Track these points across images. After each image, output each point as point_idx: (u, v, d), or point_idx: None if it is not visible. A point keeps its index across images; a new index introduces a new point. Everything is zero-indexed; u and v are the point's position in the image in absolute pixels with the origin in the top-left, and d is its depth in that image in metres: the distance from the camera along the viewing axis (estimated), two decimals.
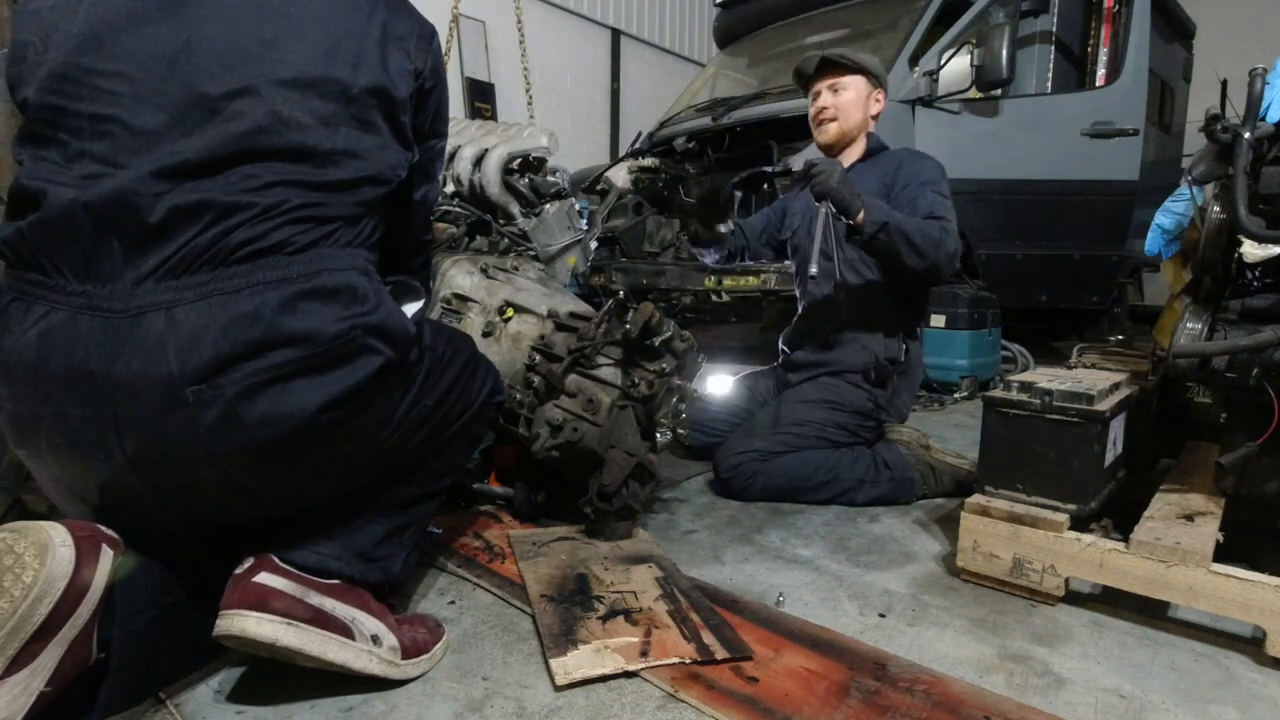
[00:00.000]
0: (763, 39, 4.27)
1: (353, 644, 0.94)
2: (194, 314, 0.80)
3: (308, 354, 0.83)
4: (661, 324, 1.49)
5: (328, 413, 0.85)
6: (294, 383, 0.83)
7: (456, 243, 1.99)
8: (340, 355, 0.86)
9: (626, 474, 1.43)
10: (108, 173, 0.81)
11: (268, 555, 0.93)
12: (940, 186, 1.84)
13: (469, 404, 1.13)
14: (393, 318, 0.93)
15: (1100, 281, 3.91)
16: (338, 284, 0.87)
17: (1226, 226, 1.26)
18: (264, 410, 0.82)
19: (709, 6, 7.40)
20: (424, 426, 1.04)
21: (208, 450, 0.82)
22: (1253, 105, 1.22)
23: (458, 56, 5.98)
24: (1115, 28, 3.81)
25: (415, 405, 1.01)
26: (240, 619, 0.87)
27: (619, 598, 1.21)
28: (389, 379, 0.93)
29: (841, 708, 0.95)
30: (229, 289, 0.81)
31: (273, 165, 0.85)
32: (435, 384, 1.05)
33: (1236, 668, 1.09)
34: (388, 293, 0.96)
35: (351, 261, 0.91)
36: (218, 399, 0.80)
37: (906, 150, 2.03)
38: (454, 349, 1.12)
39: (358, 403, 0.89)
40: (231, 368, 0.80)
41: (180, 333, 0.79)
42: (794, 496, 1.76)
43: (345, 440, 0.92)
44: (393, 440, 0.99)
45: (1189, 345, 1.27)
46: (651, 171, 3.38)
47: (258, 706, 0.94)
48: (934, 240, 1.69)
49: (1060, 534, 1.25)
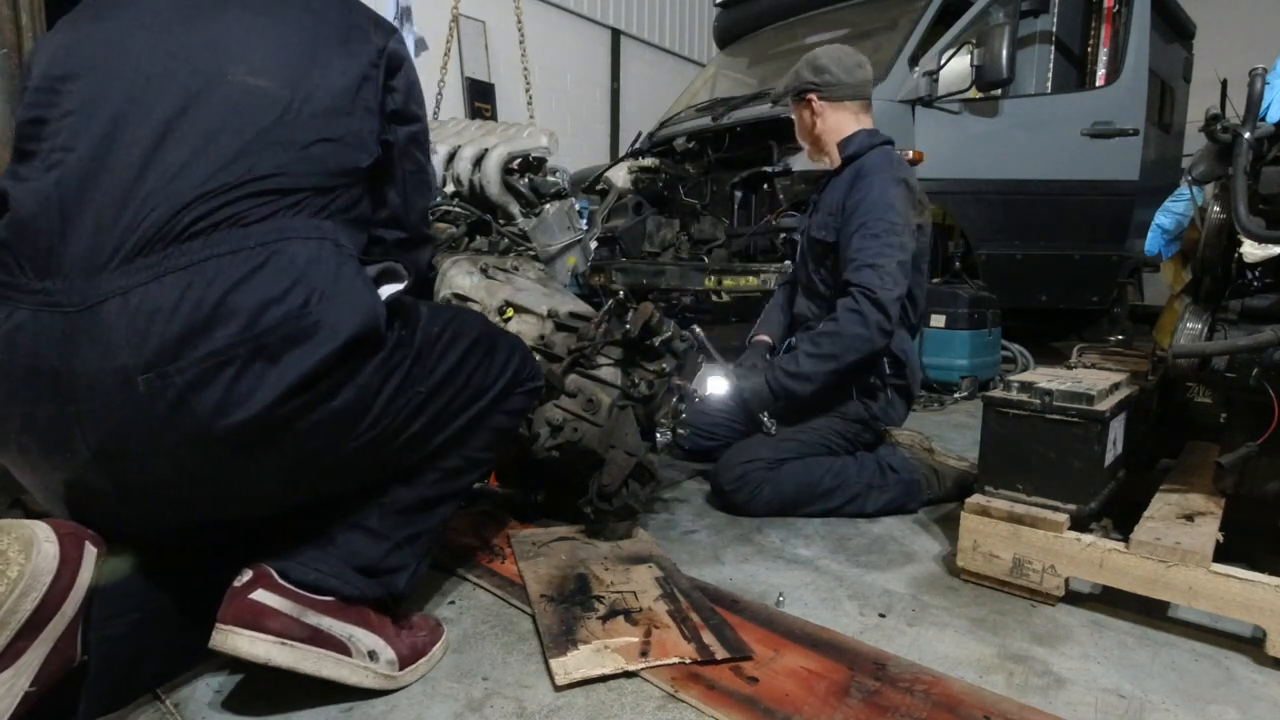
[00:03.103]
0: (763, 39, 4.27)
1: (349, 660, 0.93)
2: (147, 297, 0.77)
3: (258, 332, 0.78)
4: (661, 324, 1.49)
5: (287, 402, 0.80)
6: (248, 369, 0.78)
7: (456, 243, 1.99)
8: (294, 334, 0.80)
9: (626, 474, 1.43)
10: (66, 159, 0.82)
11: (265, 569, 0.91)
12: (875, 219, 1.73)
13: (480, 390, 1.05)
14: (357, 294, 0.87)
15: (1100, 281, 3.91)
16: (295, 254, 0.83)
17: (1226, 226, 1.26)
18: (216, 399, 0.77)
19: (709, 6, 7.39)
20: (419, 417, 0.96)
21: (163, 444, 0.79)
22: (1253, 105, 1.22)
23: (458, 56, 5.98)
24: (1115, 28, 3.81)
25: (402, 393, 0.93)
26: (234, 637, 0.86)
27: (619, 598, 1.21)
28: (358, 362, 0.86)
29: (841, 708, 0.95)
30: (181, 265, 0.79)
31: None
32: (429, 368, 0.97)
33: (1236, 668, 1.09)
34: (362, 269, 0.91)
35: (318, 231, 0.87)
36: (168, 388, 0.76)
37: (875, 157, 1.86)
38: (457, 329, 1.03)
39: (321, 389, 0.82)
40: (183, 352, 0.77)
41: (134, 319, 0.77)
42: (801, 506, 1.68)
43: (316, 433, 0.85)
44: (379, 433, 0.91)
45: (1189, 345, 1.27)
46: (651, 171, 3.38)
47: (257, 706, 0.94)
48: (842, 347, 1.69)
49: (1060, 534, 1.25)
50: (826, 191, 1.95)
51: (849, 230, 1.78)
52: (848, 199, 1.82)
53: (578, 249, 2.39)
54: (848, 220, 1.80)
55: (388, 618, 1.01)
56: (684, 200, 3.32)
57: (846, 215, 1.81)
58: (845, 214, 1.81)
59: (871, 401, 1.85)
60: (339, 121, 0.92)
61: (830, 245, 1.86)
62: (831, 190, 1.92)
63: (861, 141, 1.89)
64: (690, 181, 3.37)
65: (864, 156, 1.87)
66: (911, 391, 1.93)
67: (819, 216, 1.93)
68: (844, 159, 1.91)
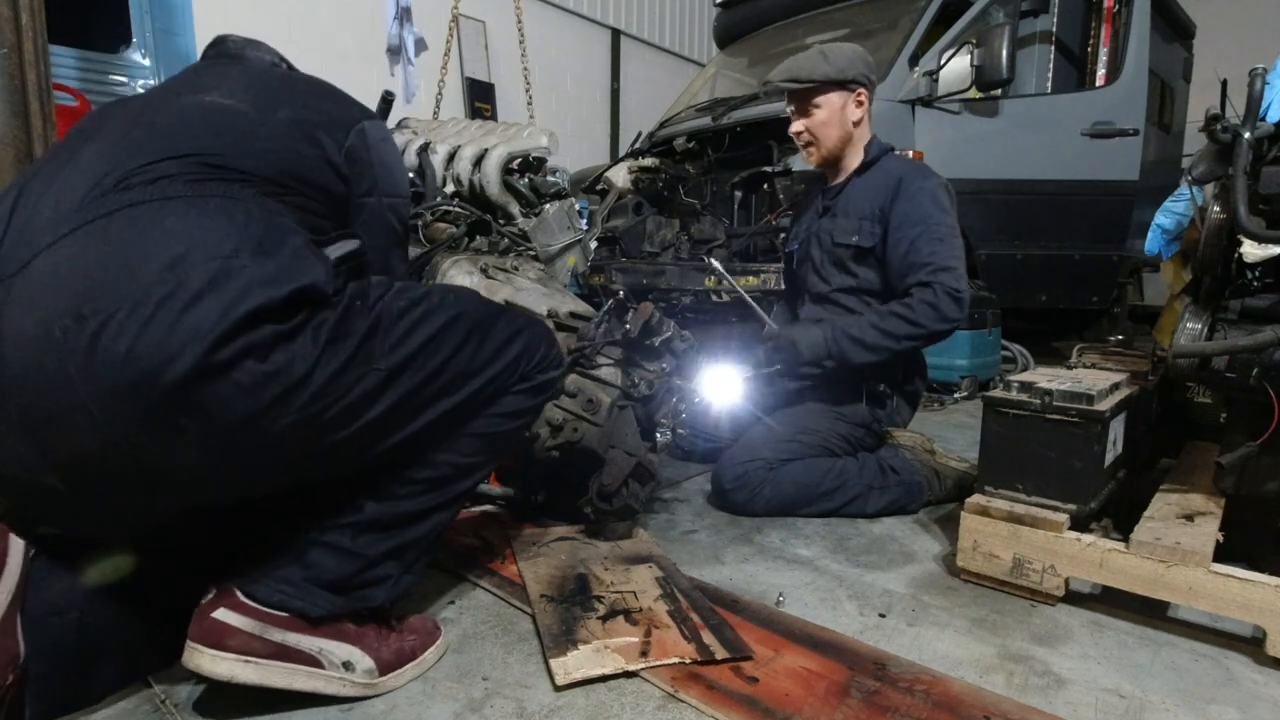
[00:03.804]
0: (763, 39, 4.27)
1: (322, 672, 0.91)
2: (74, 243, 0.75)
3: (179, 273, 0.73)
4: (661, 324, 1.49)
5: (208, 354, 0.71)
6: (162, 311, 0.71)
7: (456, 243, 1.99)
8: (217, 278, 0.73)
9: (626, 474, 1.43)
10: (28, 173, 0.85)
11: (230, 588, 0.89)
12: (935, 225, 1.74)
13: (465, 375, 0.93)
14: (298, 249, 0.82)
15: (1100, 281, 3.91)
16: (232, 208, 0.80)
17: (1226, 226, 1.26)
18: (128, 344, 0.70)
19: (709, 6, 7.40)
20: (376, 403, 0.84)
21: (79, 398, 0.72)
22: (1253, 105, 1.22)
23: (458, 56, 5.98)
24: (1115, 28, 3.81)
25: (351, 369, 0.81)
26: (197, 655, 0.85)
27: (619, 598, 1.21)
28: (294, 323, 0.78)
29: (841, 708, 0.95)
30: (108, 210, 0.77)
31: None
32: (389, 345, 0.85)
33: (1236, 668, 1.09)
34: (306, 234, 0.87)
35: (263, 202, 0.85)
36: (83, 330, 0.71)
37: (904, 164, 1.88)
38: (432, 305, 0.92)
39: (246, 343, 0.73)
40: (100, 292, 0.72)
41: (57, 266, 0.74)
42: (801, 507, 1.68)
43: (239, 399, 0.74)
44: (323, 414, 0.80)
45: (1189, 345, 1.27)
46: (651, 171, 3.38)
47: (255, 705, 0.94)
48: (907, 332, 1.68)
49: (1060, 534, 1.25)
50: (844, 196, 1.90)
51: (905, 234, 1.74)
52: (894, 205, 1.78)
53: (578, 249, 2.39)
54: (900, 225, 1.76)
55: (370, 626, 0.99)
56: (684, 200, 3.32)
57: (896, 222, 1.76)
58: (891, 220, 1.78)
59: (879, 409, 1.85)
60: (296, 144, 0.95)
61: (865, 250, 1.82)
62: (856, 194, 1.87)
63: (880, 145, 1.91)
64: (690, 181, 3.37)
65: (881, 160, 1.88)
66: (918, 396, 1.94)
67: (841, 221, 1.88)
68: (866, 162, 1.89)
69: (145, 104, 0.94)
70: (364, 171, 1.03)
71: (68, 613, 0.88)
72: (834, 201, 1.93)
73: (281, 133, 0.94)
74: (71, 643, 0.89)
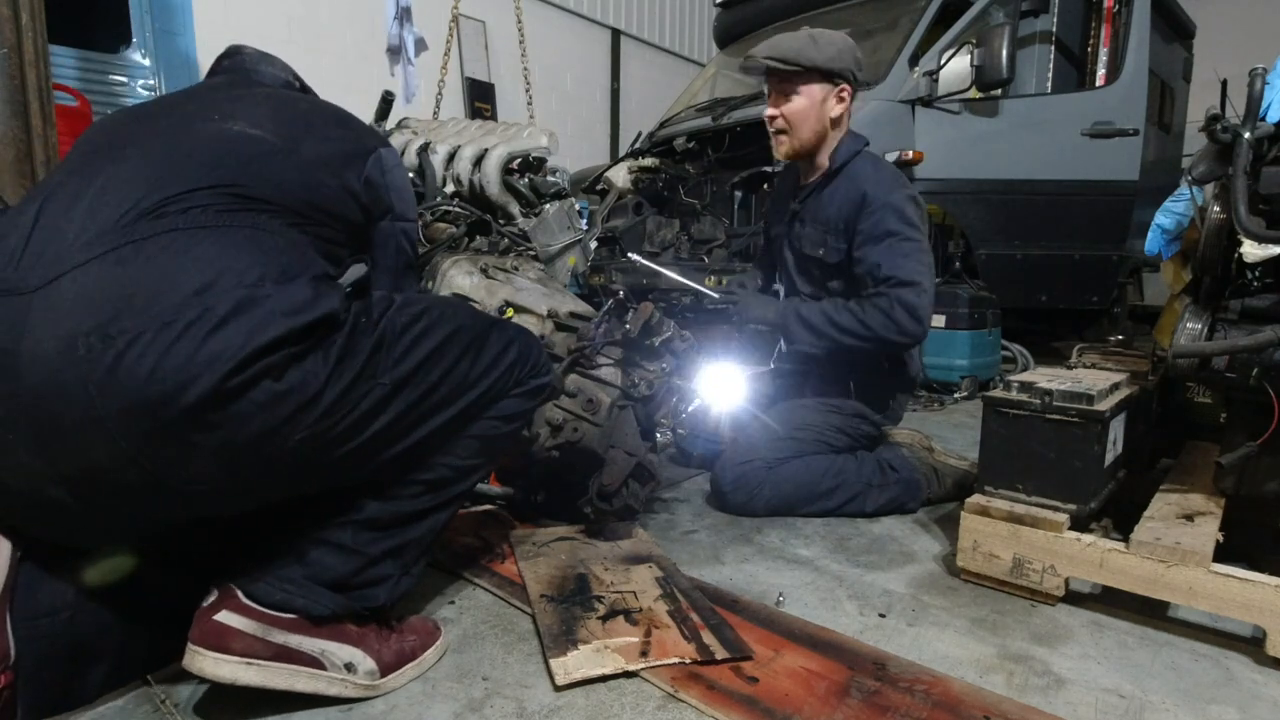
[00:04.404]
0: (763, 39, 4.26)
1: (324, 674, 0.92)
2: (104, 265, 0.77)
3: (207, 298, 0.76)
4: (661, 324, 1.49)
5: (229, 377, 0.75)
6: (189, 333, 0.74)
7: (456, 243, 1.99)
8: (242, 304, 0.77)
9: (626, 474, 1.43)
10: (48, 189, 0.86)
11: (231, 589, 0.89)
12: (900, 241, 1.66)
13: (460, 388, 0.97)
14: (317, 281, 0.86)
15: (1100, 281, 3.91)
16: (261, 239, 0.84)
17: (1226, 226, 1.26)
18: (151, 364, 0.73)
19: (709, 6, 7.40)
20: (381, 415, 0.88)
21: (96, 414, 0.74)
22: (1253, 105, 1.22)
23: (458, 56, 5.98)
24: (1115, 28, 3.81)
25: (359, 384, 0.86)
26: (199, 658, 0.85)
27: (619, 598, 1.21)
28: (309, 343, 0.81)
29: (841, 708, 0.95)
30: (140, 236, 0.79)
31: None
32: (393, 360, 0.90)
33: (1236, 668, 1.09)
34: (326, 266, 0.92)
35: (289, 233, 0.89)
36: (108, 349, 0.73)
37: (872, 174, 1.75)
38: (432, 320, 0.96)
39: (264, 366, 0.77)
40: (127, 312, 0.74)
41: (85, 286, 0.76)
42: (801, 506, 1.67)
43: (255, 416, 0.78)
44: (334, 428, 0.84)
45: (1189, 345, 1.27)
46: (651, 171, 3.38)
47: (256, 705, 0.94)
48: (855, 335, 1.66)
49: (1060, 534, 1.25)
50: (813, 201, 1.83)
51: (869, 253, 1.68)
52: (860, 220, 1.70)
53: (578, 249, 2.39)
54: (863, 243, 1.69)
55: (371, 626, 0.99)
56: (684, 200, 3.32)
57: (860, 239, 1.70)
58: (855, 234, 1.71)
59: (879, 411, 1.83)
60: (320, 176, 0.99)
61: (831, 266, 1.79)
62: (824, 202, 1.79)
63: (849, 147, 1.79)
64: (690, 181, 3.37)
65: (850, 164, 1.78)
66: (910, 383, 1.89)
67: (810, 229, 1.82)
68: (833, 170, 1.79)
69: (172, 126, 0.95)
70: (380, 196, 1.11)
71: (58, 613, 0.88)
72: (803, 206, 1.86)
73: (306, 165, 0.98)
74: (63, 643, 0.89)
